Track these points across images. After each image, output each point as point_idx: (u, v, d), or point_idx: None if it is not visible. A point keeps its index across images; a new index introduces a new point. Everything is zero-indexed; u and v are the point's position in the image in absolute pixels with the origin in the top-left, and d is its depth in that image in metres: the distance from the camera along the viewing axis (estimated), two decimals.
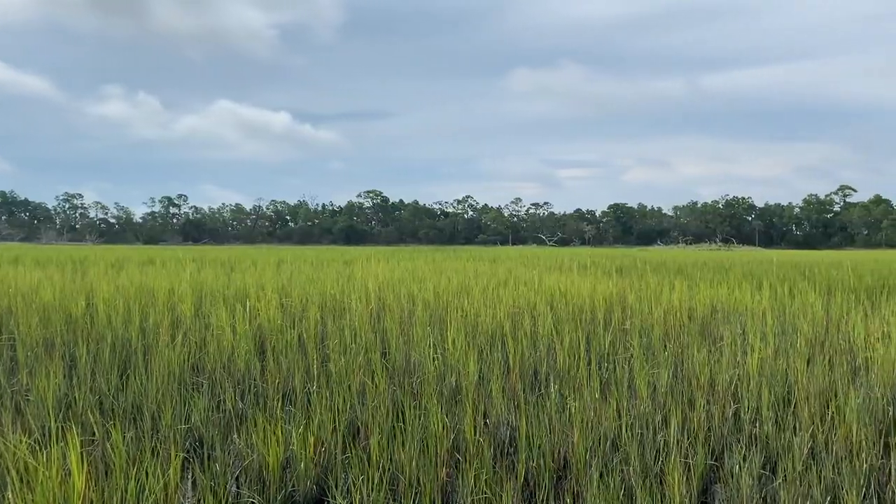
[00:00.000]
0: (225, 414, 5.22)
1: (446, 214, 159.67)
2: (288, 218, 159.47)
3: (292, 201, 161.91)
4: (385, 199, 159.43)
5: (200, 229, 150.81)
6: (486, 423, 5.00)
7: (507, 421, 5.02)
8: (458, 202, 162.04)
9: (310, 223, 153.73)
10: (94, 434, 4.53)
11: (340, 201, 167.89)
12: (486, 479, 3.81)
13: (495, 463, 4.10)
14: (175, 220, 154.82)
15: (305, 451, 4.09)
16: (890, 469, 4.04)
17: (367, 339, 7.30)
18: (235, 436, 4.71)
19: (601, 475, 3.87)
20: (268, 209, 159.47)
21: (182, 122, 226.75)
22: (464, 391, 5.45)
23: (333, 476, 3.99)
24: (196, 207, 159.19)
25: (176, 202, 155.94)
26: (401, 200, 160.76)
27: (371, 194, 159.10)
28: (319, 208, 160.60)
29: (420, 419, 4.55)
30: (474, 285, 12.90)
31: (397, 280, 14.31)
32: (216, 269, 18.48)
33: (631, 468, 3.86)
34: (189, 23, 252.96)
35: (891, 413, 5.11)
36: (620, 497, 3.63)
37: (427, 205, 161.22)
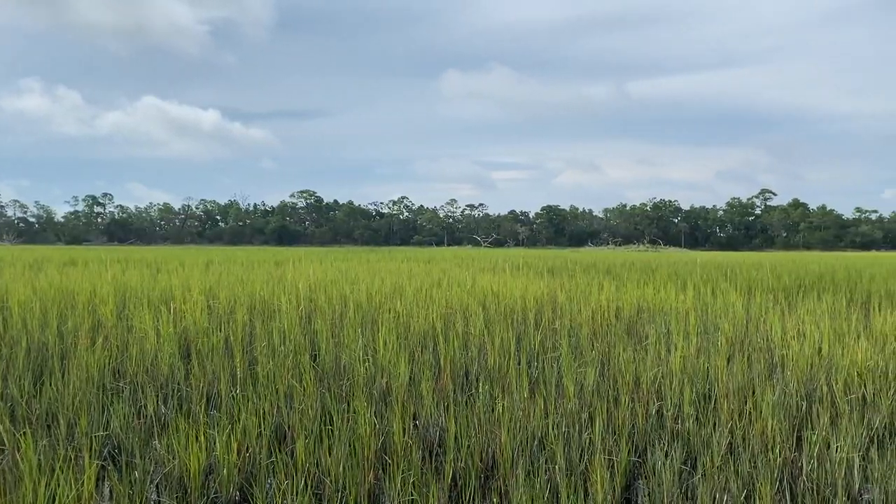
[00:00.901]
0: (146, 419, 5.05)
1: (382, 215, 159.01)
2: (218, 218, 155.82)
3: (223, 201, 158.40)
4: (319, 200, 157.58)
5: (127, 229, 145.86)
6: (415, 424, 4.98)
7: (437, 422, 5.01)
8: (394, 203, 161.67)
9: (241, 223, 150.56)
10: (2, 443, 4.32)
11: (273, 201, 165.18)
12: (413, 481, 3.80)
13: (424, 464, 4.09)
14: (100, 220, 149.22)
15: (229, 456, 3.99)
16: (801, 462, 4.21)
17: (297, 341, 7.18)
18: (157, 442, 4.57)
19: (528, 474, 3.90)
20: (197, 209, 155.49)
21: (106, 118, 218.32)
22: (394, 393, 5.42)
23: (258, 481, 3.91)
24: (122, 207, 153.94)
25: (101, 201, 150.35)
26: (335, 201, 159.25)
27: (305, 194, 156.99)
28: (251, 208, 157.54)
29: (348, 422, 4.50)
30: (408, 286, 12.87)
31: (330, 281, 14.15)
32: (142, 271, 17.90)
33: (557, 466, 3.90)
34: (111, 16, 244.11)
35: (804, 408, 5.34)
36: (546, 495, 3.67)
37: (362, 205, 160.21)
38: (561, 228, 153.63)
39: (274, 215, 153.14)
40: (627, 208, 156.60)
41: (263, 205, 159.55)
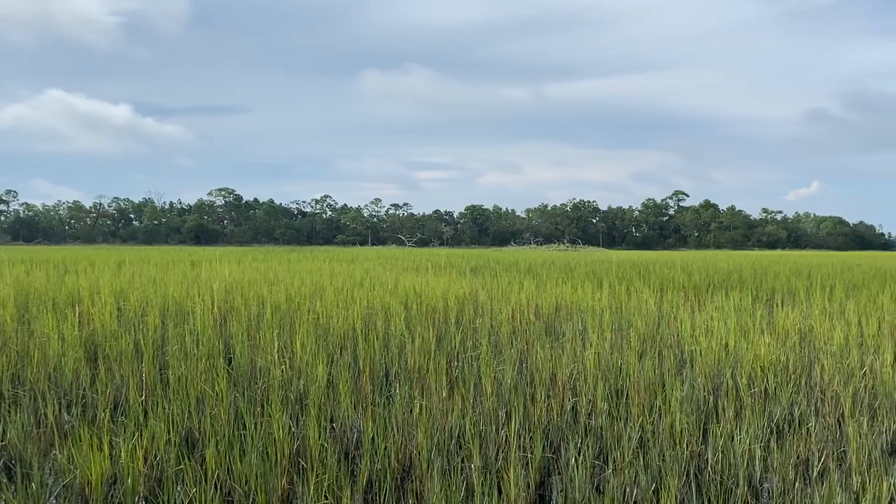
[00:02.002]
0: (46, 428, 4.80)
1: (304, 214, 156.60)
2: (132, 216, 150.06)
3: (137, 199, 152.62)
4: (238, 198, 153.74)
5: (33, 228, 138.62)
6: (332, 427, 4.92)
7: (354, 424, 4.96)
8: (317, 202, 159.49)
9: (156, 222, 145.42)
10: None
11: (190, 199, 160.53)
12: (328, 485, 3.74)
13: (340, 467, 4.04)
14: (3, 219, 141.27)
15: (134, 465, 3.83)
16: (707, 455, 4.38)
17: (211, 344, 6.98)
18: (57, 452, 4.34)
19: (445, 474, 3.91)
20: (110, 207, 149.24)
21: (7, 111, 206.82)
22: (311, 396, 5.33)
23: (165, 490, 3.77)
24: (27, 204, 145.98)
25: (4, 198, 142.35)
26: (255, 199, 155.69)
27: (223, 192, 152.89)
28: (167, 206, 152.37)
29: (262, 426, 4.40)
30: (329, 287, 12.72)
31: (247, 282, 13.84)
32: (48, 272, 17.04)
33: (473, 465, 3.92)
34: (7, 4, 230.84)
35: (711, 401, 5.55)
36: (462, 494, 3.68)
37: (283, 204, 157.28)
38: (485, 228, 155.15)
39: (191, 214, 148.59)
40: (548, 208, 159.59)
41: (180, 203, 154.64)
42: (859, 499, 3.67)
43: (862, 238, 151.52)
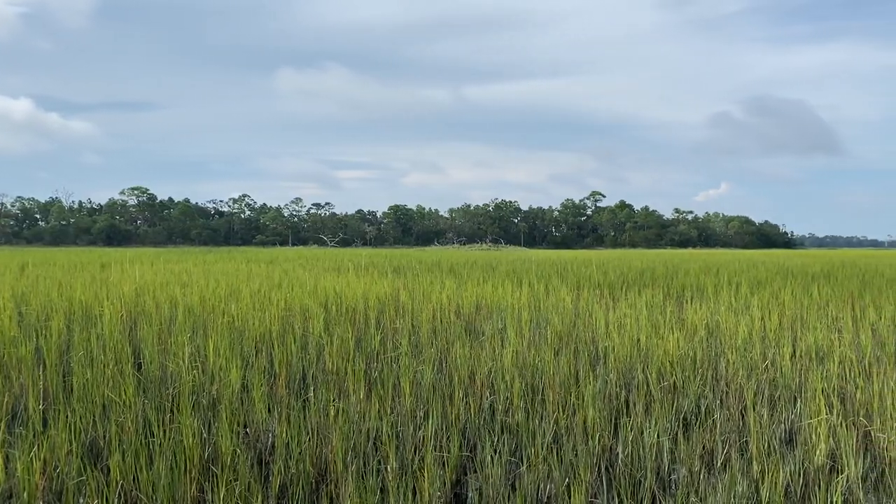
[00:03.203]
0: None
1: (221, 214, 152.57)
2: (38, 216, 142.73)
3: (42, 198, 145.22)
4: (152, 197, 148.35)
5: None
6: (246, 432, 4.81)
7: (269, 429, 4.86)
8: (235, 201, 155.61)
9: (64, 222, 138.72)
10: None
11: (100, 199, 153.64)
12: (240, 492, 3.65)
13: (252, 474, 3.95)
14: None
15: (31, 477, 3.64)
16: (618, 448, 4.50)
17: (119, 349, 6.71)
18: None
19: (361, 476, 3.87)
20: (13, 206, 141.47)
21: None
22: (224, 401, 5.20)
23: (65, 503, 3.59)
24: None
25: None
26: (170, 198, 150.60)
27: (136, 191, 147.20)
28: (75, 206, 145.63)
29: (172, 433, 4.25)
30: (245, 288, 12.44)
31: (160, 284, 13.38)
32: None
33: (389, 467, 3.91)
34: None
35: (622, 396, 5.71)
36: (377, 497, 3.66)
37: (200, 203, 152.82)
38: (408, 228, 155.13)
39: (101, 214, 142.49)
40: (471, 208, 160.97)
41: (90, 202, 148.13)
42: (759, 486, 3.85)
43: (767, 237, 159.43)
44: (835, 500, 3.60)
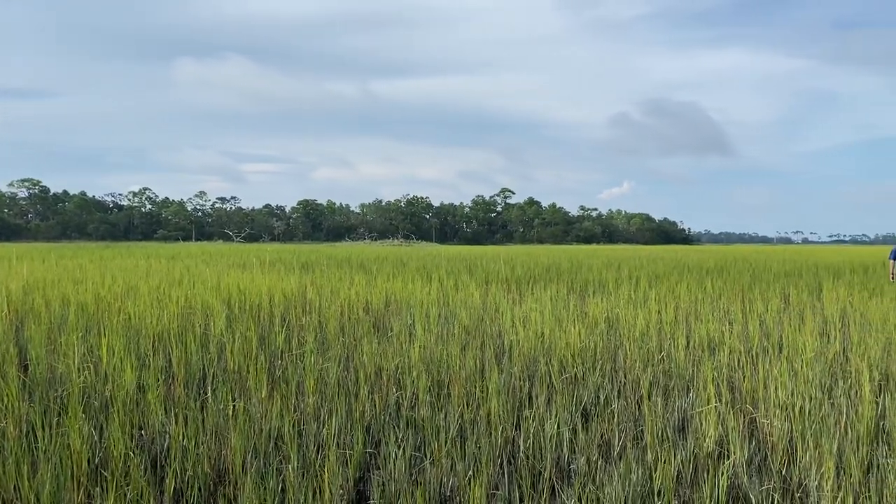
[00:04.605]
0: None
1: (120, 208, 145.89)
2: None
3: None
4: (45, 190, 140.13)
5: None
6: (141, 435, 4.62)
7: (166, 431, 4.68)
8: (135, 195, 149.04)
9: None
10: None
11: None
12: (131, 497, 3.50)
13: (146, 478, 3.79)
14: None
15: None
16: (520, 440, 4.58)
17: (3, 350, 6.31)
18: None
19: (262, 477, 3.79)
20: None
21: None
22: (118, 402, 4.97)
23: None
24: None
25: None
26: (65, 191, 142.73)
27: (27, 183, 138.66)
28: None
29: (58, 438, 4.03)
30: (143, 285, 11.95)
31: (51, 281, 12.67)
32: None
33: (291, 466, 3.84)
34: None
35: (526, 389, 5.82)
36: (277, 498, 3.59)
37: (97, 197, 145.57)
38: (318, 223, 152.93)
39: None
40: (383, 204, 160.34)
41: None
42: (653, 473, 4.00)
43: (666, 233, 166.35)
44: (721, 483, 3.79)
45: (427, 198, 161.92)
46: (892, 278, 14.15)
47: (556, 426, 4.55)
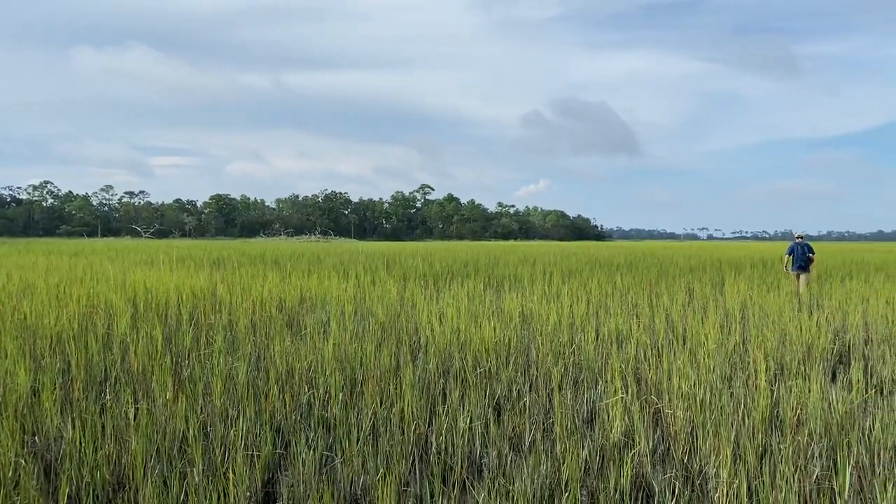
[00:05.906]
0: None
1: (19, 202, 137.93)
2: None
3: None
4: None
5: None
6: (34, 440, 4.37)
7: (62, 436, 4.45)
8: (35, 188, 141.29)
9: None
10: None
11: None
12: None
13: (39, 485, 3.59)
14: None
15: None
16: (433, 436, 4.59)
17: None
18: None
19: (164, 482, 3.65)
20: None
21: None
22: (9, 407, 4.69)
23: None
24: None
25: None
26: None
27: None
28: None
29: None
30: (42, 283, 11.33)
31: None
32: None
33: (195, 469, 3.71)
34: None
35: (440, 385, 5.84)
36: (179, 502, 3.47)
37: None
38: (232, 219, 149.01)
39: None
40: (300, 199, 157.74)
41: None
42: (561, 466, 4.08)
43: (580, 229, 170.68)
44: (626, 473, 3.90)
45: (346, 193, 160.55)
46: (786, 270, 15.09)
47: (468, 421, 4.57)
